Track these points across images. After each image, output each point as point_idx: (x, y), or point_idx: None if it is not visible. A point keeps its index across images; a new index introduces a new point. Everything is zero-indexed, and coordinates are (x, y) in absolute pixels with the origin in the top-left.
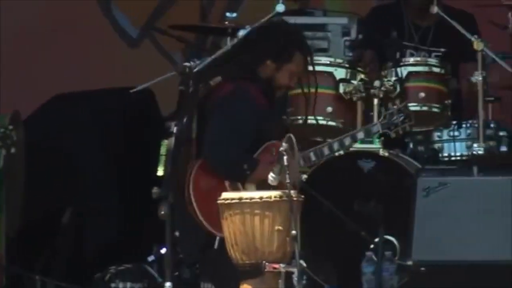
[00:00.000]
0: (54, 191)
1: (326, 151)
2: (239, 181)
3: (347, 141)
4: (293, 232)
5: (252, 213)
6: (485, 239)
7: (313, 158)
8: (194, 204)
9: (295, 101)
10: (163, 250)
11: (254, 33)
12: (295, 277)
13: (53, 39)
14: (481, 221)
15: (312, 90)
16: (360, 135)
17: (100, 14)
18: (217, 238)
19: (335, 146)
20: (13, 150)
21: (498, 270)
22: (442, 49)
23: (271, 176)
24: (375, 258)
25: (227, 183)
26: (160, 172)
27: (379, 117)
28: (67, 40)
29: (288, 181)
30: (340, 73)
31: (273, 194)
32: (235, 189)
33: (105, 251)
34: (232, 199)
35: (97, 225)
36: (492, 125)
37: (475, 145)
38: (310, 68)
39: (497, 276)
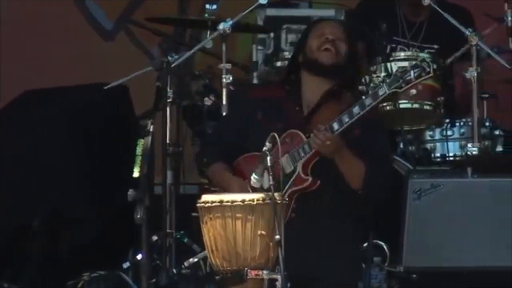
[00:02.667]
0: (24, 194)
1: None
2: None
3: (355, 110)
4: (277, 237)
5: (233, 217)
6: (479, 244)
7: (335, 127)
8: None
9: None
10: (139, 256)
11: None
12: (278, 284)
13: (23, 33)
14: (476, 225)
15: None
16: (368, 101)
17: (73, 5)
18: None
19: (345, 118)
20: None
21: (494, 276)
22: (435, 46)
23: (253, 178)
24: (363, 265)
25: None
26: (136, 173)
27: None
28: (38, 34)
29: (271, 182)
30: None
31: (256, 196)
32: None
33: (78, 257)
34: (213, 202)
35: (70, 230)
36: (487, 124)
37: (469, 144)
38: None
39: (493, 283)
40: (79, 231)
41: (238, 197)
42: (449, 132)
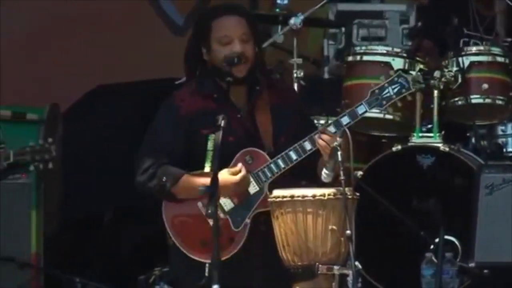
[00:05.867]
0: (94, 189)
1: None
2: (163, 197)
3: (331, 129)
4: (348, 232)
5: (304, 211)
6: None
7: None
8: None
9: (350, 92)
10: None
11: None
12: (349, 280)
13: (96, 29)
14: None
15: None
16: (345, 119)
17: (145, 1)
18: (206, 265)
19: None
20: (50, 165)
21: None
22: (509, 39)
23: (324, 173)
24: (435, 260)
25: (199, 204)
26: (207, 168)
27: (438, 110)
28: (111, 29)
29: (342, 177)
30: (398, 63)
31: (327, 191)
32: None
33: (146, 252)
34: (284, 196)
35: (139, 226)
36: None
37: None
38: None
39: None
40: (146, 225)
41: (309, 192)
42: None
